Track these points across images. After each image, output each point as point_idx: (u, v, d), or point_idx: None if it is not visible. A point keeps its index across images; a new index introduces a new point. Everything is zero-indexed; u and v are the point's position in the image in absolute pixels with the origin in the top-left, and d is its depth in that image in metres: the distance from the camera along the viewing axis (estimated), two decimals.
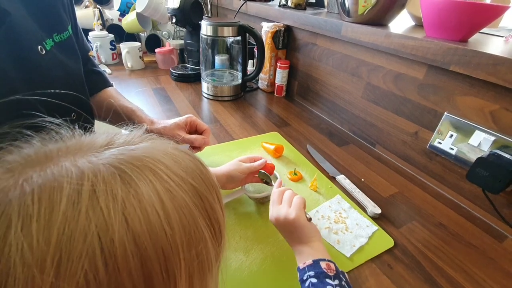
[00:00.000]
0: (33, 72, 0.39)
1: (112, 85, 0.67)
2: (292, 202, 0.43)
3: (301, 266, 0.36)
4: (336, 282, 0.33)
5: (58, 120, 0.22)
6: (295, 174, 0.63)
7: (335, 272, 0.35)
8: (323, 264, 0.35)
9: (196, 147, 0.63)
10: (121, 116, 0.60)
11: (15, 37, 0.36)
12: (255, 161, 0.55)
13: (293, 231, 0.41)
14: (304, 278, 0.34)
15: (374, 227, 0.52)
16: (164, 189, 0.19)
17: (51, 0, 0.44)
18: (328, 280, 0.33)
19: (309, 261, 0.36)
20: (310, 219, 0.42)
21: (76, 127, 0.23)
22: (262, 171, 0.54)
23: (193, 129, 0.63)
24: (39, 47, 0.40)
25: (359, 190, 0.60)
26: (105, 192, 0.17)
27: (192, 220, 0.20)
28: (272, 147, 0.70)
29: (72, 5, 0.52)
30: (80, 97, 0.48)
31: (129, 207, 0.17)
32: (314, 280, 0.33)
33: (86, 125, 0.25)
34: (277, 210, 0.43)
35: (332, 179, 0.64)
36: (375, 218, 0.54)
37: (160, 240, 0.18)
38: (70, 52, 0.48)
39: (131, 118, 0.61)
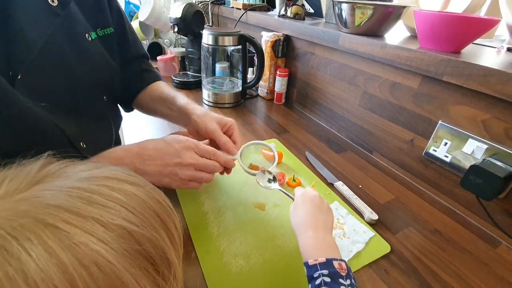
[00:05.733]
0: (82, 54, 0.45)
1: (161, 79, 0.69)
2: None
3: (311, 262, 0.35)
4: (348, 282, 0.34)
5: None
6: (294, 180, 0.64)
7: (346, 271, 0.34)
8: (336, 264, 0.35)
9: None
10: (165, 105, 0.63)
11: (71, 23, 0.43)
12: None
13: (321, 210, 0.42)
14: (315, 275, 0.34)
15: (371, 233, 0.53)
16: (64, 246, 0.15)
17: (97, 1, 0.50)
18: (341, 280, 0.33)
19: (322, 259, 0.35)
20: None
21: None
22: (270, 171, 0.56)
23: (227, 135, 0.58)
24: (86, 34, 0.46)
25: (356, 196, 0.61)
26: None
27: (113, 273, 0.16)
28: (271, 153, 0.71)
29: (119, 10, 0.58)
30: (110, 84, 0.55)
31: (6, 285, 0.13)
32: (327, 279, 0.33)
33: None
34: (304, 190, 0.46)
35: (330, 185, 0.66)
36: (372, 224, 0.55)
37: None
38: (109, 45, 0.53)
39: (172, 105, 0.61)
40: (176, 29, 1.12)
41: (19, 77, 0.36)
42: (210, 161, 0.49)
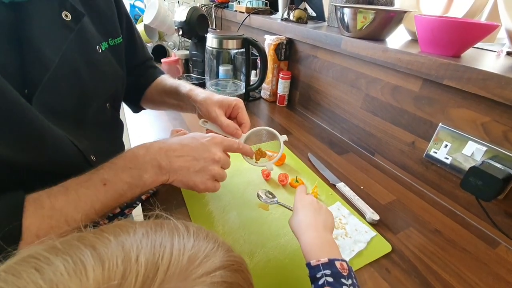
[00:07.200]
0: (93, 67, 0.45)
1: (165, 73, 0.71)
2: None
3: (314, 263, 0.36)
4: (350, 281, 0.34)
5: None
6: (296, 181, 0.66)
7: (348, 271, 0.35)
8: (337, 264, 0.35)
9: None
10: (171, 96, 0.64)
11: (84, 36, 0.43)
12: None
13: (320, 211, 0.44)
14: (318, 275, 0.35)
15: (372, 232, 0.54)
16: None
17: (108, 8, 0.51)
18: (343, 280, 0.34)
19: (324, 259, 0.36)
20: None
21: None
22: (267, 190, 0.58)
23: (233, 116, 0.57)
24: (97, 46, 0.46)
25: (358, 197, 0.62)
26: None
27: None
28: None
29: (128, 17, 0.59)
30: (115, 93, 0.55)
31: None
32: (330, 279, 0.34)
33: None
34: (301, 197, 0.47)
35: (333, 186, 0.67)
36: (374, 224, 0.56)
37: None
38: (118, 55, 0.54)
39: (177, 95, 0.62)
40: (180, 32, 1.14)
41: (35, 95, 0.36)
42: (229, 158, 0.49)
